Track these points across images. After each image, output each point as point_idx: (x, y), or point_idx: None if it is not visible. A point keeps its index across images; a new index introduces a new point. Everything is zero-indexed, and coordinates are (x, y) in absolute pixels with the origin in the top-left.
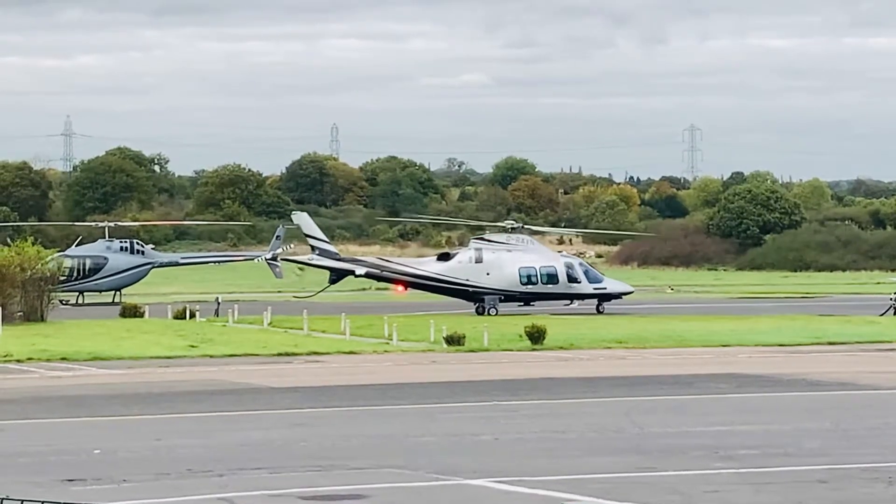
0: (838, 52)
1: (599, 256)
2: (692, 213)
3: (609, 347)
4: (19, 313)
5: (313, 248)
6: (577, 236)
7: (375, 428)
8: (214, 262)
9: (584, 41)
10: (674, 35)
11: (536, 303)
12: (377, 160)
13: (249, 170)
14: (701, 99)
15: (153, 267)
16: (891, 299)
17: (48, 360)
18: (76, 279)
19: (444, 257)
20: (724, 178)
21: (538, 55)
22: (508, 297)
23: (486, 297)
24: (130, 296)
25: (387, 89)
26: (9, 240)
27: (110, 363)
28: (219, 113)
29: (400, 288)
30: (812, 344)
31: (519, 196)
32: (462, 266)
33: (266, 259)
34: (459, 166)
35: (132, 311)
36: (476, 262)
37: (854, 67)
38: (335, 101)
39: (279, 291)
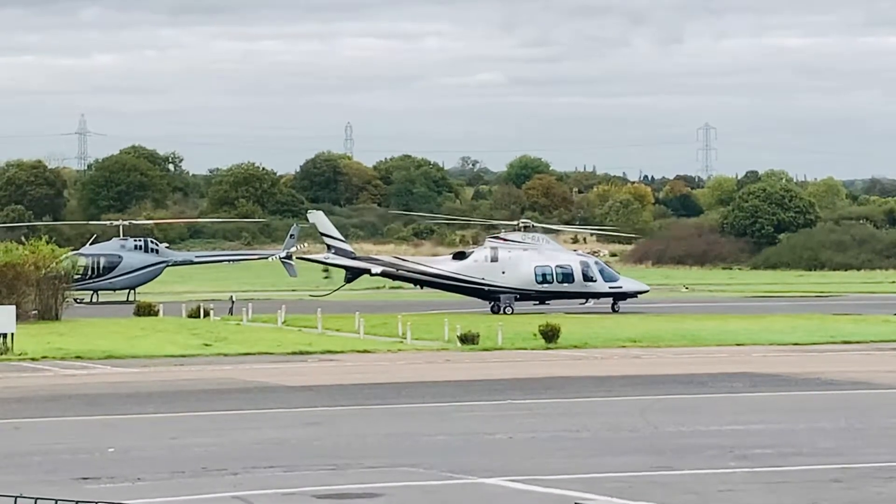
0: (854, 52)
1: (614, 255)
2: (706, 212)
3: (623, 346)
4: (34, 312)
5: (329, 246)
6: (592, 235)
7: (389, 426)
8: (229, 260)
9: (599, 40)
10: (689, 34)
11: (552, 301)
12: (391, 159)
13: (264, 168)
14: (716, 98)
15: (167, 265)
16: None
17: (63, 359)
18: (90, 278)
19: (459, 256)
20: (739, 177)
21: (553, 54)
22: (524, 295)
23: (501, 296)
24: (145, 294)
25: (402, 88)
26: (23, 238)
27: (125, 362)
28: (233, 112)
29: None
30: (827, 343)
31: (533, 195)
32: (478, 265)
33: (280, 258)
34: (473, 165)
35: (146, 310)
36: (492, 261)
37: (870, 66)
38: (350, 100)
39: (293, 290)
